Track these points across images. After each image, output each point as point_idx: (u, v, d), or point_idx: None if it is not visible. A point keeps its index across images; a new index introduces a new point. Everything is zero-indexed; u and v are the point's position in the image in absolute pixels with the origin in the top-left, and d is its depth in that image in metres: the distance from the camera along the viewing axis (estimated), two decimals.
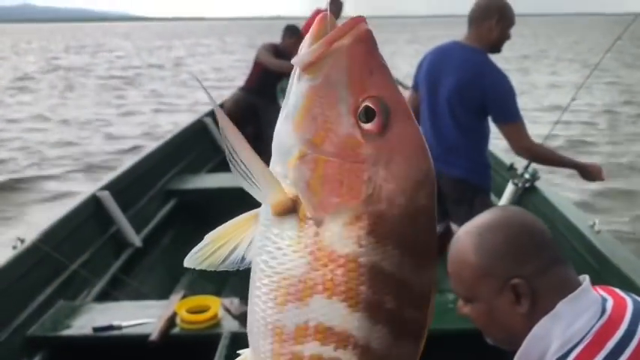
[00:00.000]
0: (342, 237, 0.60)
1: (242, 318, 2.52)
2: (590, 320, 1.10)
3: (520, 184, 3.64)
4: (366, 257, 0.60)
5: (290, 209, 0.61)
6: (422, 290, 0.62)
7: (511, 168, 3.76)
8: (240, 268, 0.66)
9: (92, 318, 2.68)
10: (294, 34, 5.78)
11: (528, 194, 3.69)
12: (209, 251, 0.65)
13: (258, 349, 0.65)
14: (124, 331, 2.56)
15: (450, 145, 3.05)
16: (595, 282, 2.92)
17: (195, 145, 5.28)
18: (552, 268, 1.16)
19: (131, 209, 3.95)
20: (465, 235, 1.21)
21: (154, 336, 2.47)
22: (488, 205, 3.09)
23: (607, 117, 12.83)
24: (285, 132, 0.62)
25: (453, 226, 3.15)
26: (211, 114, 6.31)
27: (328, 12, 0.63)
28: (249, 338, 0.67)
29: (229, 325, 2.53)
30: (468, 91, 2.95)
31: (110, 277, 3.40)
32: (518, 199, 3.74)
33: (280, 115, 0.64)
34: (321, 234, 0.60)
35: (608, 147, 10.24)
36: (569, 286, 1.14)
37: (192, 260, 0.66)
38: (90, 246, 3.44)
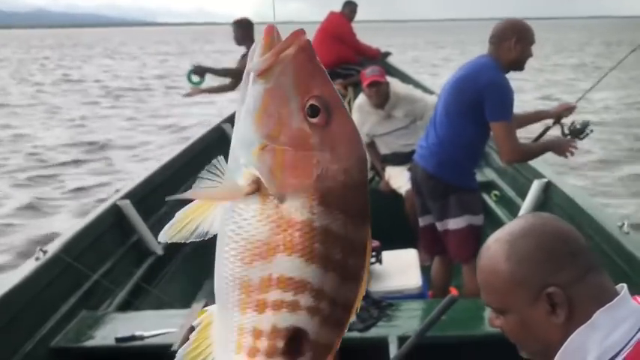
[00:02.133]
0: (297, 208, 0.76)
1: None
2: (630, 331, 1.05)
3: (568, 132, 3.40)
4: (318, 222, 0.76)
5: (254, 190, 0.77)
6: (360, 243, 0.79)
7: (556, 123, 3.52)
8: (206, 238, 0.81)
9: (114, 328, 2.68)
10: None
11: (553, 196, 3.62)
12: (179, 227, 0.81)
13: (227, 302, 0.80)
14: (147, 342, 2.56)
15: (434, 141, 3.18)
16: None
17: (214, 151, 5.20)
18: (588, 275, 1.11)
19: (152, 217, 3.95)
20: (496, 242, 1.16)
21: (176, 346, 2.46)
22: (465, 202, 3.14)
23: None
24: (247, 128, 0.77)
25: (437, 224, 3.25)
26: (229, 120, 6.32)
27: (275, 25, 0.77)
28: (217, 296, 0.81)
29: None
30: (467, 88, 3.03)
31: (132, 287, 3.40)
32: (543, 200, 3.68)
33: (238, 114, 0.78)
34: (280, 206, 0.76)
35: None
36: (607, 295, 1.09)
37: (166, 235, 0.81)
38: (111, 255, 3.45)
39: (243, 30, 5.60)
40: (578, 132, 3.32)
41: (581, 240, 1.15)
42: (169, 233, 0.81)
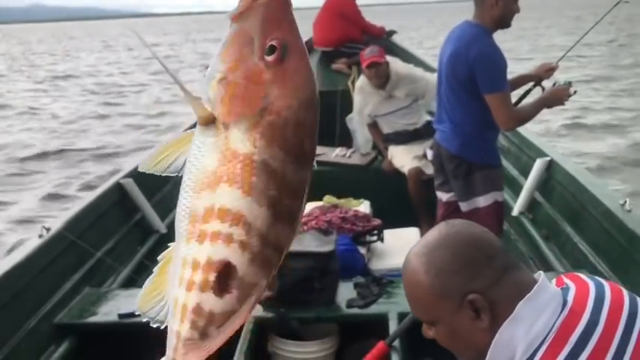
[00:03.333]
0: (242, 140, 0.80)
1: (265, 302, 2.52)
2: (552, 316, 1.07)
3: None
4: (258, 155, 0.79)
5: (211, 121, 0.81)
6: (299, 185, 0.82)
7: (536, 85, 3.47)
8: (179, 175, 0.86)
9: (118, 305, 2.71)
10: None
11: (555, 174, 3.61)
12: (156, 159, 0.87)
13: (179, 231, 0.85)
14: None
15: (449, 120, 3.12)
16: (627, 263, 2.85)
17: None
18: (505, 275, 1.12)
19: (155, 196, 3.97)
20: (414, 256, 1.18)
21: None
22: (491, 180, 3.10)
23: None
24: (212, 64, 0.82)
25: (461, 204, 3.18)
26: None
27: None
28: (176, 225, 0.86)
29: (255, 311, 2.52)
30: (459, 64, 2.98)
31: (135, 264, 3.43)
32: (545, 179, 3.67)
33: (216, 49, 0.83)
34: (228, 137, 0.80)
35: None
36: (527, 288, 1.10)
37: (144, 166, 0.88)
38: (115, 233, 3.47)
39: None
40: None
41: (495, 242, 1.17)
42: (148, 164, 0.87)
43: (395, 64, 4.74)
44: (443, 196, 3.34)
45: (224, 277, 0.82)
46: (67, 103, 15.78)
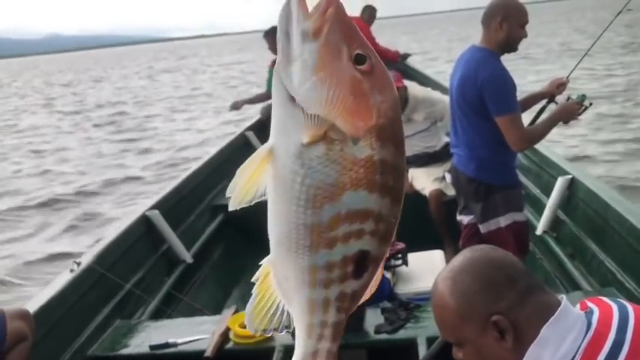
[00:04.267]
0: (360, 146, 0.84)
1: (295, 331, 2.54)
2: (577, 338, 1.10)
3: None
4: (377, 156, 0.85)
5: (320, 139, 0.84)
6: (403, 166, 0.89)
7: (550, 101, 3.46)
8: (263, 198, 0.88)
9: (148, 336, 2.75)
10: None
11: (578, 192, 3.60)
12: (243, 193, 0.87)
13: (297, 248, 0.87)
14: (180, 348, 2.62)
15: (464, 144, 3.15)
16: None
17: (239, 159, 5.29)
18: (529, 296, 1.16)
19: (180, 226, 4.03)
20: (441, 280, 1.23)
21: (208, 352, 2.52)
22: (509, 200, 3.09)
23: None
24: (308, 84, 0.83)
25: (480, 226, 3.19)
26: (252, 128, 6.39)
27: None
28: (280, 246, 0.88)
29: (282, 338, 2.55)
30: (468, 87, 3.00)
31: (163, 295, 3.48)
32: (568, 197, 3.67)
33: (290, 68, 0.84)
34: (344, 148, 0.84)
35: None
36: (550, 310, 1.13)
37: (234, 204, 0.87)
38: (142, 265, 3.53)
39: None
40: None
41: (518, 264, 1.21)
42: (237, 200, 0.87)
43: (412, 88, 4.80)
44: (464, 219, 3.35)
45: (362, 262, 0.88)
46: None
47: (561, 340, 1.10)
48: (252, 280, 0.91)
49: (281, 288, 0.92)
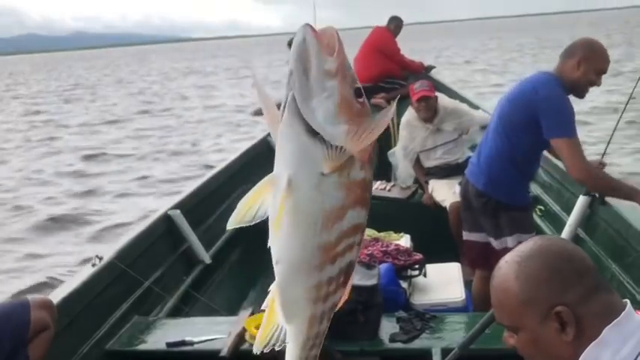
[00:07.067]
0: (360, 169, 0.94)
1: None
2: (638, 344, 1.09)
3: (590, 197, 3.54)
4: (368, 176, 0.96)
5: (339, 167, 0.92)
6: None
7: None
8: (263, 219, 0.96)
9: (165, 333, 2.79)
10: None
11: (599, 211, 3.58)
12: (242, 214, 0.96)
13: (309, 267, 0.95)
14: (196, 347, 2.65)
15: (486, 158, 3.13)
16: None
17: (260, 163, 5.39)
18: (595, 294, 1.15)
19: (201, 227, 4.08)
20: (506, 263, 1.22)
21: (224, 352, 2.55)
22: (518, 221, 3.06)
23: None
24: (338, 118, 0.91)
25: (494, 242, 3.18)
26: None
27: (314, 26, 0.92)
28: (288, 272, 0.96)
29: None
30: (518, 102, 2.97)
31: (182, 294, 3.52)
32: (589, 215, 3.64)
33: (311, 104, 0.90)
34: (350, 173, 0.93)
35: None
36: (614, 312, 1.12)
37: (232, 223, 0.96)
38: (162, 263, 3.58)
39: None
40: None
41: (587, 260, 1.20)
42: (234, 220, 0.97)
43: (442, 99, 4.84)
44: (469, 236, 3.36)
45: (349, 272, 0.99)
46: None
47: (622, 344, 1.08)
48: (262, 307, 1.02)
49: (285, 309, 1.00)
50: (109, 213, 8.68)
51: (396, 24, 7.31)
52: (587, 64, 2.90)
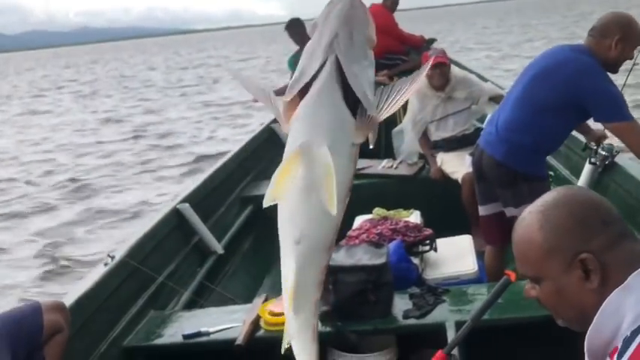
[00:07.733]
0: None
1: (323, 315, 2.57)
2: None
3: (598, 162, 3.50)
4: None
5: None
6: None
7: (586, 147, 3.61)
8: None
9: (181, 326, 2.81)
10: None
11: (608, 172, 3.54)
12: (278, 189, 0.94)
13: (324, 246, 0.98)
14: (212, 337, 2.67)
15: (504, 126, 3.03)
16: None
17: (266, 151, 5.40)
18: (620, 242, 1.13)
19: (211, 218, 4.09)
20: (529, 214, 1.20)
21: (239, 340, 2.57)
22: (535, 191, 2.98)
23: None
24: (372, 90, 0.96)
25: (506, 210, 3.11)
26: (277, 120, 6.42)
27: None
28: (308, 248, 0.97)
29: None
30: (557, 79, 2.86)
31: (196, 286, 3.54)
32: (598, 177, 3.60)
33: (355, 71, 0.92)
34: (355, 144, 0.99)
35: None
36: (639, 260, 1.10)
37: (269, 199, 0.95)
38: (175, 257, 3.60)
39: (302, 29, 5.95)
40: (604, 158, 3.41)
41: (613, 210, 1.17)
42: (271, 197, 0.97)
43: (452, 68, 4.80)
44: (485, 210, 3.28)
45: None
46: None
47: None
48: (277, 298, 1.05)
49: (297, 296, 1.02)
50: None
51: (392, 0, 7.22)
52: (625, 42, 2.84)
